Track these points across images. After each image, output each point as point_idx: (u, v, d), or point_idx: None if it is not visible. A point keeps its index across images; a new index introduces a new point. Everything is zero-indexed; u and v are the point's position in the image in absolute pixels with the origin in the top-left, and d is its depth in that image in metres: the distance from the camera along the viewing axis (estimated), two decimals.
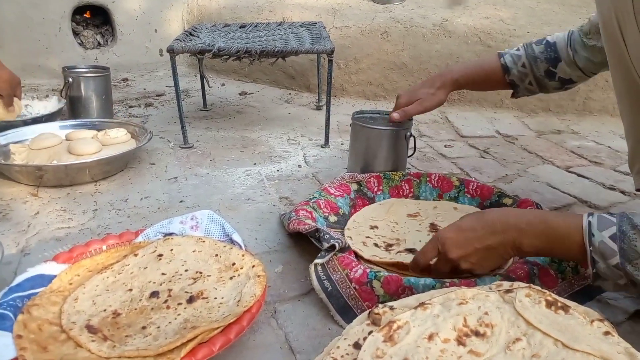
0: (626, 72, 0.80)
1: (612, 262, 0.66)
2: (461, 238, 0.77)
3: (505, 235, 0.74)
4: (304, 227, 0.92)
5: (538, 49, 1.08)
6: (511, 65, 1.10)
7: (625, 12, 0.76)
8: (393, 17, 2.18)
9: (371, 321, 0.61)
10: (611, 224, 0.67)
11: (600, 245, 0.67)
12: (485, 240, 0.75)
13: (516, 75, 1.11)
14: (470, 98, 2.08)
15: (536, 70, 1.08)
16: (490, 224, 0.76)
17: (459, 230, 0.78)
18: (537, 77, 1.09)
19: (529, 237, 0.73)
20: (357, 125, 1.25)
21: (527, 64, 1.09)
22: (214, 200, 1.19)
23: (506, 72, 1.11)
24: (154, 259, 0.84)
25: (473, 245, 0.76)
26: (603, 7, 0.82)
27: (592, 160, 1.56)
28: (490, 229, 0.76)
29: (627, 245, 0.65)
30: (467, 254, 0.76)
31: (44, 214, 1.10)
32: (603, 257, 0.67)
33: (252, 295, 0.73)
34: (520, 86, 1.13)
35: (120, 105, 2.00)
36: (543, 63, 1.07)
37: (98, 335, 0.67)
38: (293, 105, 2.09)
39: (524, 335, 0.56)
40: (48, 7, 2.38)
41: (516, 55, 1.10)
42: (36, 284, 0.77)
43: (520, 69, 1.10)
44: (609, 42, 0.83)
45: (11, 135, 1.37)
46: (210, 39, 1.58)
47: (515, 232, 0.74)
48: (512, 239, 0.74)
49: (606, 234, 0.67)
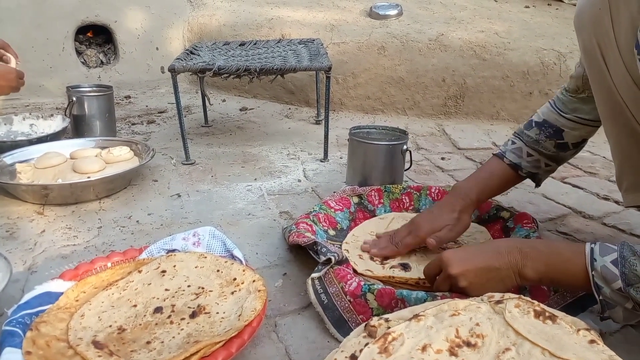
0: (609, 95, 0.82)
1: (615, 287, 0.68)
2: (464, 255, 0.78)
3: (509, 258, 0.75)
4: (303, 240, 0.94)
5: (533, 133, 1.03)
6: (518, 161, 1.04)
7: (606, 37, 0.79)
8: (389, 33, 2.22)
9: (367, 333, 0.63)
10: (612, 251, 0.69)
11: (603, 269, 0.68)
12: (487, 260, 0.76)
13: (529, 167, 1.05)
14: (466, 110, 2.11)
15: (545, 151, 1.03)
16: (495, 246, 0.78)
17: (464, 250, 0.80)
18: (549, 155, 1.04)
19: (533, 261, 0.74)
20: (354, 141, 1.28)
21: (531, 152, 1.04)
22: (216, 216, 1.22)
23: (517, 168, 1.05)
24: (157, 275, 0.86)
25: (474, 263, 0.76)
26: (584, 34, 0.84)
27: (586, 170, 1.59)
28: (495, 250, 0.77)
29: (628, 270, 0.67)
30: (466, 270, 0.76)
31: (50, 232, 1.13)
32: (606, 281, 0.68)
33: (253, 309, 0.75)
34: (539, 172, 1.07)
35: (123, 122, 2.04)
36: (548, 142, 1.02)
37: (104, 350, 0.69)
38: (293, 120, 2.12)
39: (513, 345, 0.58)
40: (52, 27, 2.44)
41: (517, 149, 1.05)
42: (44, 301, 0.79)
43: (528, 159, 1.04)
44: (591, 68, 0.86)
45: (17, 155, 1.40)
46: (210, 57, 1.62)
47: (519, 254, 0.74)
48: (516, 261, 0.74)
49: (608, 259, 0.69)
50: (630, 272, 0.67)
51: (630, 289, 0.66)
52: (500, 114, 2.08)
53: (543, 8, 2.63)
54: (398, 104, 2.17)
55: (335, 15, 2.45)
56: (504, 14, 2.48)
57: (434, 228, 0.97)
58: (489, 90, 2.08)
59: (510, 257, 0.75)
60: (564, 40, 2.14)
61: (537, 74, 2.03)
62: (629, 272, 0.67)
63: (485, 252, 0.78)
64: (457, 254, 0.79)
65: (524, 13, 2.52)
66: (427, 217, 1.01)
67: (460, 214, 0.99)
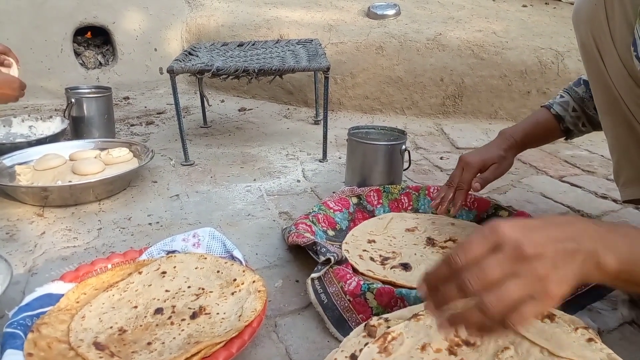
0: (606, 90, 0.83)
1: None
2: (535, 225, 0.51)
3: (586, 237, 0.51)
4: (302, 240, 0.95)
5: (580, 90, 1.08)
6: (563, 113, 1.10)
7: (602, 33, 0.80)
8: (388, 32, 2.23)
9: (367, 333, 0.64)
10: None
11: None
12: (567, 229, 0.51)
13: (570, 122, 1.10)
14: (465, 110, 2.11)
15: (587, 110, 1.08)
16: (565, 220, 0.53)
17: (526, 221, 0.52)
18: (590, 116, 1.08)
19: (613, 240, 0.51)
20: (353, 141, 1.28)
21: (577, 107, 1.08)
22: (215, 217, 1.22)
23: (560, 120, 1.10)
24: (157, 276, 0.86)
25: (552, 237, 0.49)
26: (581, 30, 0.86)
27: (585, 169, 1.59)
28: (567, 222, 0.52)
29: None
30: (544, 248, 0.48)
31: (50, 233, 1.13)
32: None
33: (253, 310, 0.75)
34: (574, 130, 1.12)
35: (122, 123, 2.04)
36: (589, 102, 1.06)
37: (105, 351, 0.69)
38: (292, 120, 2.13)
39: (512, 343, 0.59)
40: (50, 29, 2.44)
41: (564, 102, 1.10)
42: (44, 303, 0.79)
43: (572, 114, 1.09)
44: (588, 63, 0.87)
45: (16, 157, 1.41)
46: (208, 58, 1.62)
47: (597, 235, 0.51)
48: (595, 245, 0.50)
49: None
50: None
51: None
52: (498, 113, 2.09)
53: (540, 7, 2.63)
54: (396, 103, 2.18)
55: (333, 16, 2.45)
56: (502, 13, 2.48)
57: (484, 161, 1.07)
58: (487, 89, 2.08)
59: (587, 234, 0.51)
60: (561, 39, 2.15)
61: (535, 73, 2.04)
62: None
63: (558, 224, 0.52)
64: (524, 224, 0.51)
65: (522, 12, 2.52)
66: (476, 153, 1.10)
67: (506, 152, 1.08)
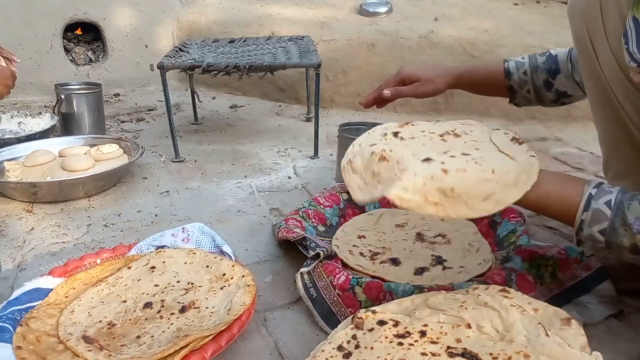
0: (598, 83, 0.84)
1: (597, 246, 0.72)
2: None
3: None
4: (292, 235, 0.95)
5: (540, 59, 1.10)
6: (513, 71, 1.12)
7: (595, 27, 0.80)
8: (380, 30, 2.23)
9: (355, 325, 0.64)
10: (604, 219, 0.70)
11: (589, 236, 0.72)
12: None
13: (516, 82, 1.12)
14: (456, 107, 2.12)
15: (536, 79, 1.10)
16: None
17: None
18: (536, 85, 1.11)
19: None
20: (344, 137, 1.29)
21: (528, 71, 1.11)
22: (206, 213, 1.22)
23: (508, 76, 1.13)
24: (147, 271, 0.86)
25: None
26: (575, 22, 0.86)
27: (575, 166, 1.60)
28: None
29: (613, 240, 0.70)
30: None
31: (39, 229, 1.12)
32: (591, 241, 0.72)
33: (242, 304, 0.75)
34: (519, 93, 1.14)
35: (112, 120, 2.03)
36: (543, 73, 1.09)
37: (94, 345, 0.69)
38: (283, 117, 2.13)
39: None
40: (40, 25, 2.42)
41: (520, 62, 1.12)
42: (33, 297, 0.79)
43: (521, 76, 1.12)
44: (581, 55, 0.88)
45: (5, 153, 1.40)
46: (199, 54, 1.62)
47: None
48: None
49: (596, 228, 0.71)
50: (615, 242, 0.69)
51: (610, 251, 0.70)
52: (489, 111, 2.10)
53: (532, 5, 2.65)
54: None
55: (325, 13, 2.45)
56: (493, 11, 2.49)
57: (412, 73, 1.12)
58: None
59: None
60: (552, 37, 2.16)
61: None
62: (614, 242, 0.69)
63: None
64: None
65: (513, 10, 2.53)
66: (414, 67, 1.16)
67: (437, 78, 1.11)
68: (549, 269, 0.85)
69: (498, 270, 0.85)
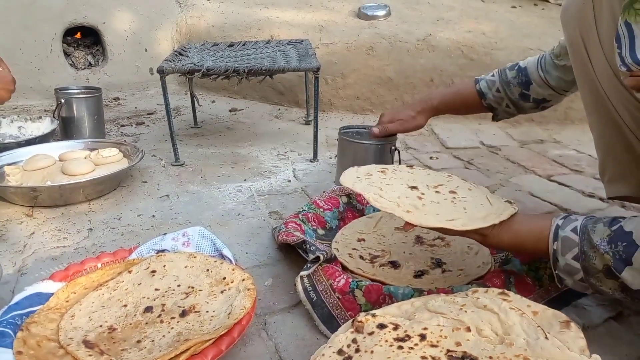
0: (592, 88, 0.84)
1: (577, 278, 0.74)
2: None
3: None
4: (292, 239, 0.95)
5: (510, 74, 1.14)
6: (486, 91, 1.16)
7: (589, 32, 0.81)
8: (378, 33, 2.24)
9: (355, 329, 0.65)
10: (574, 245, 0.73)
11: (565, 267, 0.74)
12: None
13: (492, 100, 1.16)
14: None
15: (510, 94, 1.14)
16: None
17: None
18: (513, 100, 1.15)
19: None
20: (343, 140, 1.29)
21: (501, 89, 1.15)
22: (205, 217, 1.22)
23: (482, 97, 1.17)
24: (147, 275, 0.87)
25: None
26: (569, 28, 0.87)
27: (572, 168, 1.61)
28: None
29: (587, 264, 0.72)
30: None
31: (40, 234, 1.13)
32: (569, 274, 0.74)
33: (242, 307, 0.76)
34: (499, 109, 1.18)
35: (112, 124, 2.03)
36: (516, 87, 1.13)
37: (95, 349, 0.69)
38: (282, 120, 2.13)
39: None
40: (39, 29, 2.42)
41: (490, 81, 1.16)
42: (34, 302, 0.79)
43: (495, 94, 1.15)
44: (576, 61, 0.88)
45: (5, 157, 1.40)
46: (199, 58, 1.62)
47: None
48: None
49: (569, 255, 0.73)
50: (589, 265, 0.71)
51: (591, 279, 0.72)
52: (487, 115, 2.10)
53: (529, 8, 2.66)
54: (387, 104, 2.19)
55: (324, 16, 2.46)
56: (491, 14, 2.50)
57: (393, 119, 1.19)
58: None
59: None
60: (549, 40, 2.17)
61: None
62: (589, 266, 0.71)
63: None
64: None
65: (511, 13, 2.54)
66: (392, 110, 1.23)
67: (417, 114, 1.18)
68: (548, 271, 0.86)
69: (497, 272, 0.85)
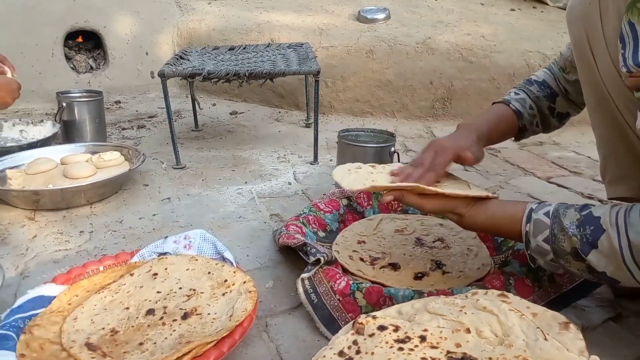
0: (596, 88, 0.85)
1: (548, 259, 0.77)
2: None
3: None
4: (293, 241, 0.96)
5: (534, 89, 1.06)
6: (522, 110, 1.05)
7: (594, 31, 0.81)
8: (378, 36, 2.25)
9: (355, 330, 0.65)
10: (545, 228, 0.76)
11: (537, 247, 0.77)
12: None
13: (527, 119, 1.06)
14: (454, 112, 2.14)
15: (542, 109, 1.07)
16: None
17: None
18: (544, 115, 1.07)
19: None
20: (343, 143, 1.30)
21: (533, 105, 1.06)
22: (207, 220, 1.23)
23: (519, 117, 1.06)
24: (149, 278, 0.87)
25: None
26: (574, 27, 0.87)
27: (572, 170, 1.62)
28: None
29: (557, 246, 0.75)
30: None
31: (42, 237, 1.13)
32: (541, 254, 0.78)
33: (244, 310, 0.76)
34: (529, 129, 1.09)
35: (114, 127, 2.04)
36: (544, 101, 1.06)
37: (97, 352, 0.70)
38: (283, 123, 2.14)
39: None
40: (41, 33, 2.43)
41: (521, 99, 1.06)
42: (36, 305, 0.80)
43: (529, 111, 1.06)
44: (580, 60, 0.88)
45: (7, 161, 1.40)
46: (200, 62, 1.63)
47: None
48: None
49: (540, 237, 0.76)
50: (558, 248, 0.74)
51: (560, 260, 0.75)
52: None
53: (528, 11, 2.67)
54: (387, 106, 2.20)
55: (324, 20, 2.47)
56: (490, 17, 2.51)
57: (460, 147, 0.93)
58: (475, 92, 2.10)
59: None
60: (548, 43, 2.18)
61: (523, 76, 2.05)
62: (558, 248, 0.75)
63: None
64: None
65: (510, 16, 2.55)
66: (448, 139, 0.97)
67: (477, 141, 0.96)
68: (547, 272, 0.86)
69: (497, 274, 0.86)
